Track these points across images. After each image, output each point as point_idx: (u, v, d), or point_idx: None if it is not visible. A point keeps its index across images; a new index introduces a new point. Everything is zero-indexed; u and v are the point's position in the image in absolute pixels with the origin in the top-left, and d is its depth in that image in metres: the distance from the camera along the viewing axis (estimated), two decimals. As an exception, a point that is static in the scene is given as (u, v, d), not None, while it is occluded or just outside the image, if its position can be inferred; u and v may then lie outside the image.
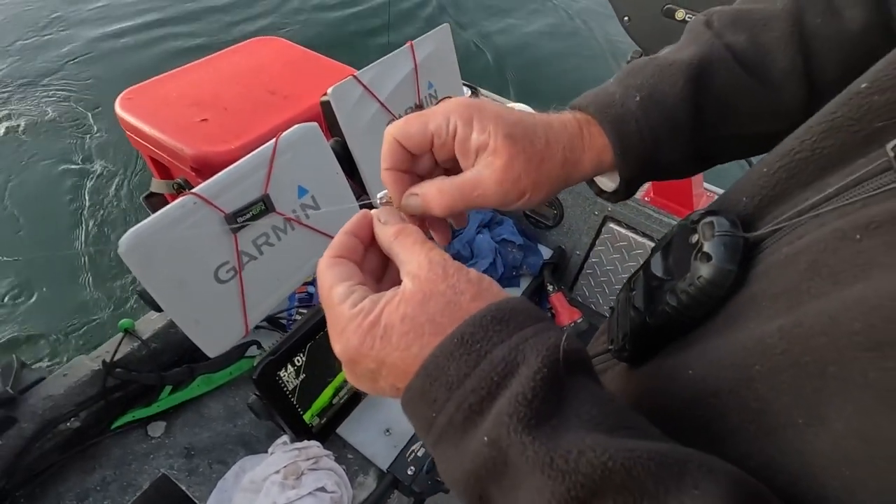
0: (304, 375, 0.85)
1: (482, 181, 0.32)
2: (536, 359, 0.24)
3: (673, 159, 0.37)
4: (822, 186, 0.26)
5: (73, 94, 3.13)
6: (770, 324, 0.24)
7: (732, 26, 0.38)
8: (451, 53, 1.16)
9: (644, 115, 0.35)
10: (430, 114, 0.33)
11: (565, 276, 1.46)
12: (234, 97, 1.21)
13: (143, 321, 1.02)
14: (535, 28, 4.08)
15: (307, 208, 0.86)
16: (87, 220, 2.45)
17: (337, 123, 0.95)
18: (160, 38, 3.59)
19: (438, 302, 0.27)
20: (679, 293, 0.30)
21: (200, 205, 0.72)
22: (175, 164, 1.14)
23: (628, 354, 0.36)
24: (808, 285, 0.24)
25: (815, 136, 0.27)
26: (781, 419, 0.23)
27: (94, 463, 0.92)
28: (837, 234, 0.23)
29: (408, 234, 0.30)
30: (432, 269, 0.28)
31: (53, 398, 0.88)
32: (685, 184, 1.44)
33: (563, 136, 0.35)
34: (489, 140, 0.32)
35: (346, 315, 0.28)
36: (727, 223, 0.29)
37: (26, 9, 3.68)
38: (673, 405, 0.29)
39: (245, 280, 0.79)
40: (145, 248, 0.67)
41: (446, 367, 0.25)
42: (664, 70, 0.36)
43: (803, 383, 0.22)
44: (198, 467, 0.94)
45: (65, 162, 2.73)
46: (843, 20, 0.36)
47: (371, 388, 0.30)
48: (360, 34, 3.76)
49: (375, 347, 0.27)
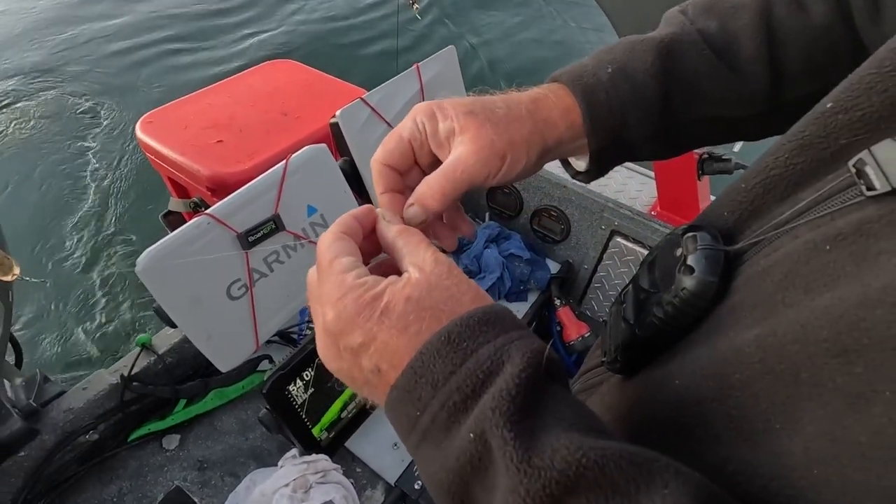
0: (312, 390, 0.87)
1: (460, 158, 0.33)
2: (522, 358, 0.24)
3: (641, 134, 0.38)
4: (795, 201, 0.28)
5: (98, 115, 3.24)
6: (747, 333, 0.25)
7: (705, 14, 0.40)
8: (456, 73, 1.18)
9: (613, 86, 0.37)
10: (400, 125, 0.35)
11: (573, 290, 1.46)
12: (249, 119, 1.26)
13: (160, 336, 1.05)
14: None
15: (316, 227, 0.89)
16: (110, 238, 2.53)
17: (345, 144, 0.98)
18: (181, 61, 3.71)
19: (442, 293, 0.27)
20: (665, 304, 0.31)
21: (214, 225, 0.75)
22: (192, 184, 1.18)
23: (620, 366, 0.37)
24: (783, 295, 0.25)
25: (787, 153, 0.29)
26: (759, 425, 0.24)
27: (112, 474, 0.94)
28: (809, 246, 0.25)
29: (412, 234, 0.31)
30: (438, 265, 0.29)
31: (73, 411, 0.91)
32: (692, 198, 1.45)
33: (524, 98, 0.36)
34: (453, 123, 0.34)
35: (348, 283, 0.28)
36: (709, 237, 0.31)
37: (47, 36, 3.84)
38: (660, 414, 0.30)
39: (256, 296, 0.82)
40: (161, 267, 0.71)
41: (432, 364, 0.25)
42: (636, 46, 0.38)
43: (778, 390, 0.23)
44: (210, 480, 0.96)
45: (84, 183, 2.83)
46: (808, 14, 0.37)
47: (349, 368, 0.29)
48: (371, 56, 3.85)
49: (372, 320, 0.27)
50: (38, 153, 2.95)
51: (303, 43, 3.94)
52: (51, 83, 3.45)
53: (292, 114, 1.30)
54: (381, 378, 0.28)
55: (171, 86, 3.38)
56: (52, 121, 3.17)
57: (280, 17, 4.22)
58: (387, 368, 0.27)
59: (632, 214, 1.24)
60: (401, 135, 0.35)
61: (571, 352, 1.33)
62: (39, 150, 2.98)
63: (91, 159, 2.92)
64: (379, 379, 0.28)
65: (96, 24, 4.01)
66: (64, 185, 2.79)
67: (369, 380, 0.28)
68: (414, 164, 0.36)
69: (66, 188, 2.77)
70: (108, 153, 2.93)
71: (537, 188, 1.36)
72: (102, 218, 2.61)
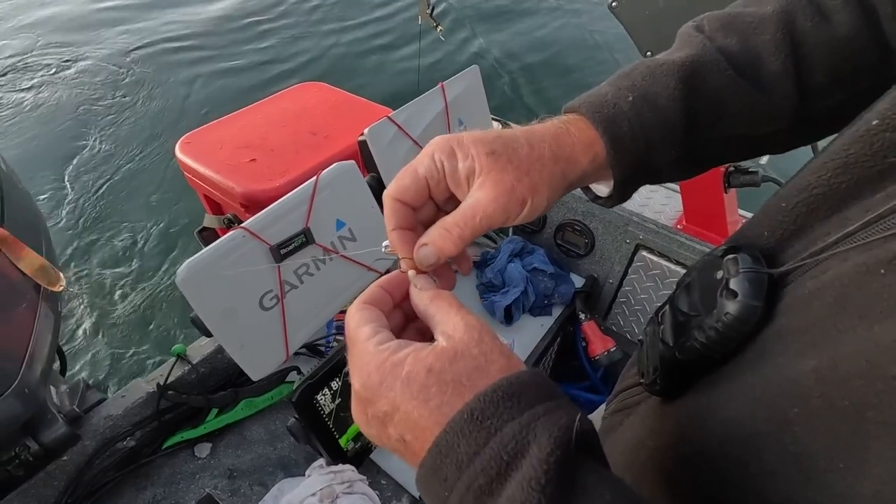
0: (339, 400, 0.89)
1: (479, 204, 0.32)
2: (549, 440, 0.23)
3: (666, 160, 0.38)
4: (840, 220, 0.27)
5: (140, 136, 3.41)
6: (803, 363, 0.24)
7: (723, 30, 0.39)
8: (480, 91, 1.21)
9: (636, 115, 0.36)
10: (416, 161, 0.34)
11: (598, 304, 1.45)
12: (280, 139, 1.31)
13: (193, 347, 1.09)
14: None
15: (345, 240, 0.92)
16: (148, 252, 2.64)
17: (373, 161, 1.01)
18: (220, 83, 3.89)
19: (468, 364, 0.27)
20: (707, 329, 0.30)
21: (248, 238, 0.79)
22: (226, 200, 1.23)
23: (660, 388, 0.36)
24: (835, 320, 0.24)
25: (830, 171, 0.28)
26: (822, 463, 0.22)
27: (147, 481, 0.97)
28: (861, 269, 0.24)
29: (444, 298, 0.31)
30: (468, 331, 0.28)
31: (113, 418, 0.95)
32: (719, 211, 1.43)
33: (546, 135, 0.35)
34: (474, 163, 0.32)
35: (370, 351, 0.29)
36: (751, 259, 0.30)
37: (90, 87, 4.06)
38: (709, 446, 0.29)
39: (287, 307, 0.85)
40: (199, 278, 0.74)
41: (456, 443, 0.24)
42: (655, 71, 0.37)
43: (842, 427, 0.22)
44: (239, 488, 0.98)
45: (123, 195, 2.97)
46: (832, 24, 0.36)
47: (378, 435, 0.29)
48: (399, 73, 3.95)
49: (395, 390, 0.27)
50: (80, 171, 3.12)
51: (331, 64, 4.09)
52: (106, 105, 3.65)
53: (321, 133, 1.35)
54: (407, 447, 0.27)
55: (206, 106, 3.56)
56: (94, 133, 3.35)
57: (310, 39, 4.39)
58: (411, 439, 0.27)
59: (657, 228, 1.23)
60: (416, 171, 0.33)
61: (597, 367, 1.31)
62: (85, 166, 3.16)
63: (132, 176, 3.08)
64: (405, 448, 0.28)
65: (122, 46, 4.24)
66: (104, 198, 2.95)
67: (397, 448, 0.28)
68: (427, 199, 0.35)
69: (106, 201, 2.92)
70: (149, 171, 3.09)
71: (561, 202, 1.37)
72: (142, 233, 2.74)
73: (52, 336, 0.83)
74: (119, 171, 3.13)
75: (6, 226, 0.76)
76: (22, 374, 0.70)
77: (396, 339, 0.29)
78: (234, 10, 4.76)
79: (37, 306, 0.77)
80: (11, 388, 0.68)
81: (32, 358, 0.73)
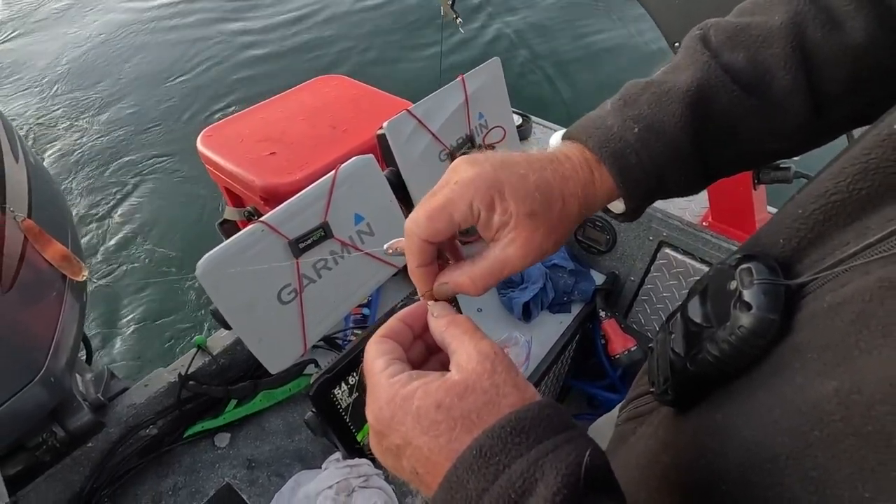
0: (356, 394, 0.89)
1: (509, 260, 0.33)
2: (556, 478, 0.23)
3: (676, 184, 0.38)
4: (860, 228, 0.26)
5: (163, 129, 3.47)
6: (823, 384, 0.23)
7: (729, 43, 0.37)
8: (501, 84, 1.19)
9: (643, 146, 0.36)
10: (451, 204, 0.32)
11: (619, 302, 1.42)
12: (299, 132, 1.32)
13: (214, 338, 1.10)
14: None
15: (363, 234, 0.91)
16: (170, 244, 2.70)
17: (392, 155, 1.00)
18: (240, 76, 3.93)
19: (478, 399, 0.27)
20: (720, 342, 0.29)
21: (267, 232, 0.79)
22: (247, 193, 1.24)
23: (672, 399, 0.36)
24: (857, 338, 0.23)
25: (849, 177, 0.27)
26: (845, 492, 0.21)
27: (168, 469, 0.99)
28: (884, 284, 0.23)
29: (458, 325, 0.31)
30: (481, 362, 0.28)
31: (136, 406, 0.97)
32: (747, 208, 1.38)
33: (577, 188, 0.35)
34: (510, 220, 0.33)
35: (382, 384, 0.29)
36: (766, 269, 0.29)
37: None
38: (727, 468, 0.28)
39: (305, 301, 0.85)
40: (218, 271, 0.74)
41: (466, 480, 0.25)
42: (661, 99, 0.36)
43: (867, 454, 0.21)
44: (258, 479, 0.99)
45: (150, 192, 3.03)
46: (845, 33, 0.34)
47: (393, 466, 0.30)
48: (420, 66, 3.94)
49: (406, 424, 0.27)
50: (106, 165, 3.20)
51: (351, 56, 4.10)
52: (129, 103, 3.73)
53: (340, 127, 1.34)
54: (420, 480, 0.28)
55: (228, 98, 3.60)
56: (115, 128, 3.43)
57: (330, 31, 4.41)
58: (423, 473, 0.27)
59: (681, 225, 1.20)
60: (451, 216, 0.33)
61: (616, 366, 1.29)
62: (109, 161, 3.23)
63: (156, 168, 3.15)
64: (419, 480, 0.28)
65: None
66: (128, 189, 3.01)
67: (412, 479, 0.29)
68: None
69: (129, 193, 2.99)
70: (172, 164, 3.15)
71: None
72: (166, 224, 2.80)
73: (77, 325, 0.85)
74: (143, 163, 3.20)
75: (34, 217, 0.78)
76: (48, 363, 0.72)
77: (408, 371, 0.29)
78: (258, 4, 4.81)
79: (63, 296, 0.79)
80: (38, 376, 0.70)
81: (58, 347, 0.75)
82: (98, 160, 3.24)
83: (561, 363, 1.32)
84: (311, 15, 4.61)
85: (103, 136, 3.42)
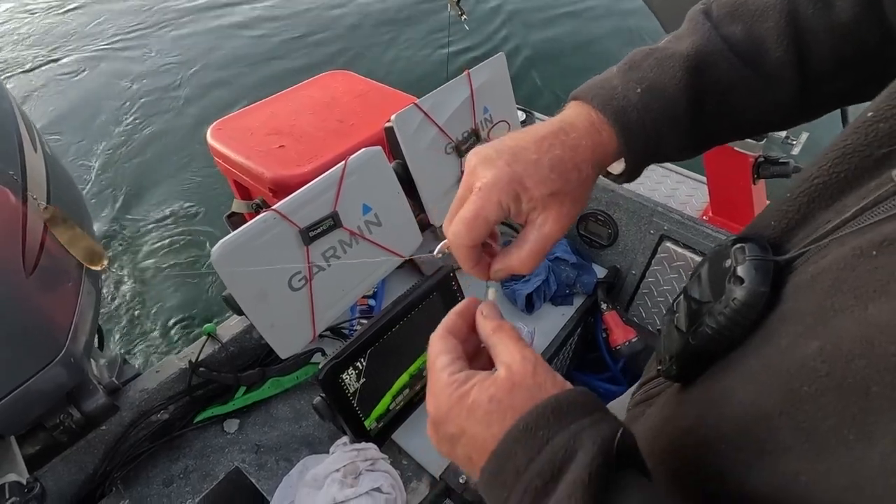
0: (364, 380, 0.91)
1: (550, 235, 0.37)
2: (593, 447, 0.27)
3: (673, 145, 0.40)
4: (840, 207, 0.29)
5: (174, 123, 3.50)
6: (808, 345, 0.26)
7: (730, 17, 0.40)
8: (505, 80, 1.21)
9: (644, 106, 0.38)
10: (483, 210, 0.36)
11: (620, 295, 1.44)
12: (308, 126, 1.34)
13: (223, 326, 1.13)
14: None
15: (370, 224, 0.94)
16: (181, 234, 2.74)
17: (399, 147, 1.02)
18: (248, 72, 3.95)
19: (524, 394, 0.31)
20: (717, 315, 0.32)
21: (279, 220, 0.81)
22: (255, 186, 1.26)
23: (676, 373, 0.38)
24: (832, 301, 0.25)
25: (829, 161, 0.30)
26: (832, 438, 0.24)
27: (179, 453, 1.02)
28: (856, 252, 0.25)
29: (505, 330, 0.35)
30: (524, 364, 0.32)
31: (148, 391, 0.99)
32: (747, 202, 1.40)
33: (587, 153, 0.38)
34: (537, 204, 0.36)
35: (443, 381, 0.33)
36: (757, 248, 0.32)
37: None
38: (726, 429, 0.31)
39: (314, 289, 0.87)
40: (232, 257, 0.77)
41: (514, 451, 0.28)
42: (663, 63, 0.39)
43: (849, 403, 0.23)
44: (266, 463, 1.01)
45: (162, 183, 3.06)
46: (834, 11, 0.37)
47: (449, 452, 0.34)
48: (424, 64, 3.96)
49: (461, 416, 0.31)
50: (116, 156, 3.23)
51: (357, 53, 4.12)
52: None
53: (347, 121, 1.36)
54: (473, 465, 0.32)
55: (237, 92, 3.63)
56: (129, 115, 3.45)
57: (336, 27, 4.43)
58: (476, 458, 0.31)
59: (682, 219, 1.22)
60: (488, 220, 0.36)
61: (617, 357, 1.31)
62: (123, 150, 3.26)
63: (168, 160, 3.18)
64: (472, 466, 0.32)
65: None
66: (140, 181, 3.05)
67: (464, 463, 0.33)
68: None
69: (142, 184, 3.02)
70: (184, 156, 3.18)
71: (584, 193, 1.36)
72: (176, 215, 2.83)
73: (93, 311, 0.88)
74: (155, 155, 3.23)
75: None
76: (68, 345, 0.74)
77: (466, 371, 0.33)
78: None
79: (80, 282, 0.81)
80: (58, 357, 0.72)
81: (77, 330, 0.78)
82: (110, 150, 3.27)
83: (563, 354, 1.34)
84: (318, 9, 4.64)
85: (113, 127, 3.44)
